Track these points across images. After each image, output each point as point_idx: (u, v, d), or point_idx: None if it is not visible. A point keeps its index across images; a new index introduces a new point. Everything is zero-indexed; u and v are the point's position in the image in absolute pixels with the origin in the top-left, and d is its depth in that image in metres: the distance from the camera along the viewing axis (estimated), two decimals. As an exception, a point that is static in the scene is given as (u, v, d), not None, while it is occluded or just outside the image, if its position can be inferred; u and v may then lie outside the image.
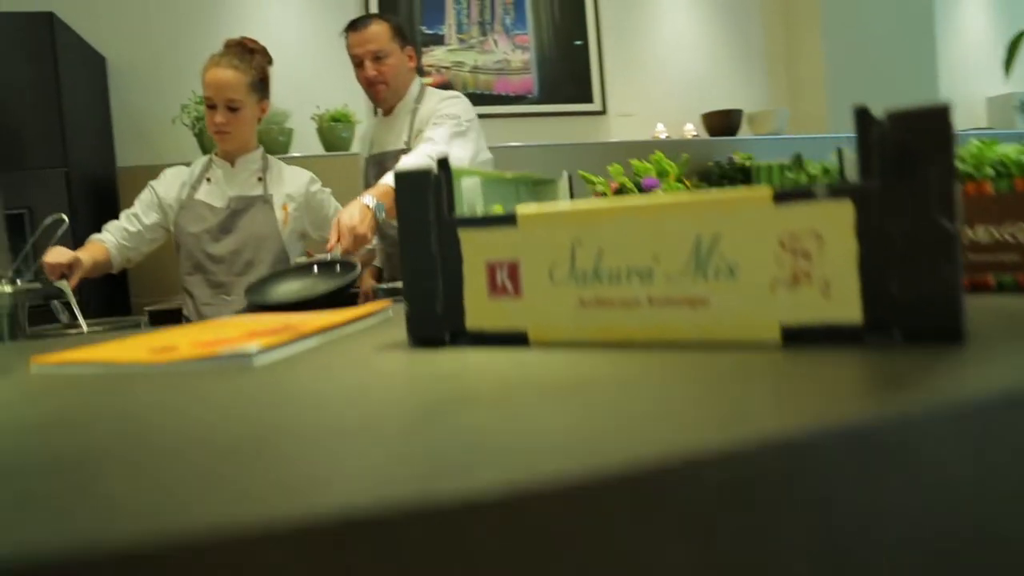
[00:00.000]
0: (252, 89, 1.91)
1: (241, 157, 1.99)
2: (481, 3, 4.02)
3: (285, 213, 1.98)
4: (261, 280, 1.45)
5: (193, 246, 1.92)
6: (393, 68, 2.06)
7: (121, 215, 1.98)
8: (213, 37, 3.66)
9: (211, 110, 1.90)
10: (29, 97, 2.91)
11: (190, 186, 1.98)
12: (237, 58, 1.89)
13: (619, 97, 4.27)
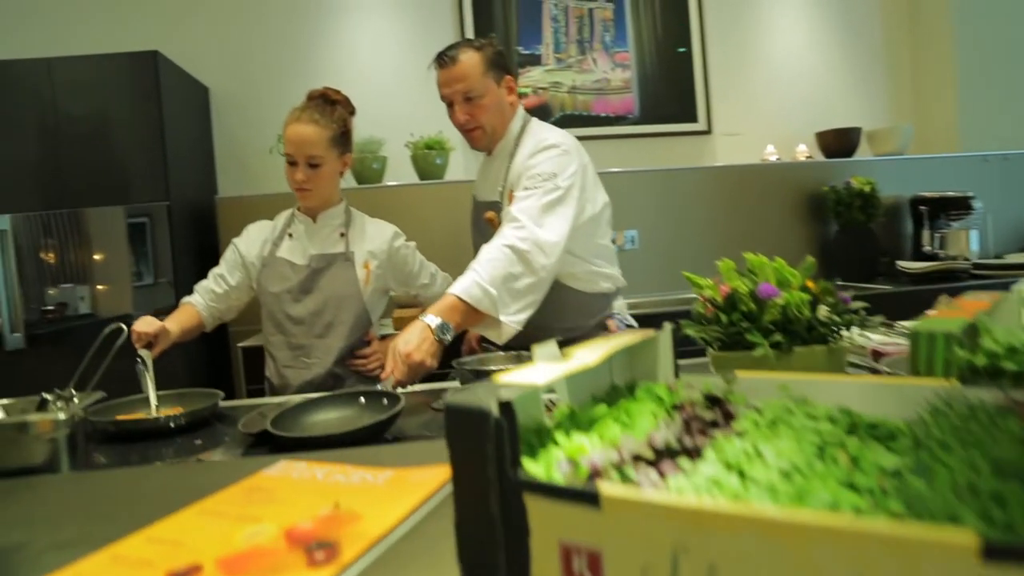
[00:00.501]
0: (333, 144, 1.84)
1: (323, 212, 1.93)
2: (580, 21, 3.87)
3: (367, 272, 1.90)
4: (296, 406, 1.33)
5: (274, 306, 1.88)
6: (488, 108, 1.80)
7: (209, 275, 1.96)
8: (310, 65, 3.69)
9: (292, 167, 1.83)
10: (135, 134, 2.98)
11: (272, 243, 1.94)
12: (318, 112, 1.82)
13: (725, 115, 4.02)
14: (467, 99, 1.78)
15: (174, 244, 3.03)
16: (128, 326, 1.58)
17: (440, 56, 1.80)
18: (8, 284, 2.97)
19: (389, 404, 1.29)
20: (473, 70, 1.77)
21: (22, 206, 2.96)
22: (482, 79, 1.78)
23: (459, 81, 1.77)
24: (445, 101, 1.84)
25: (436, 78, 1.82)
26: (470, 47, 1.79)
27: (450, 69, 1.77)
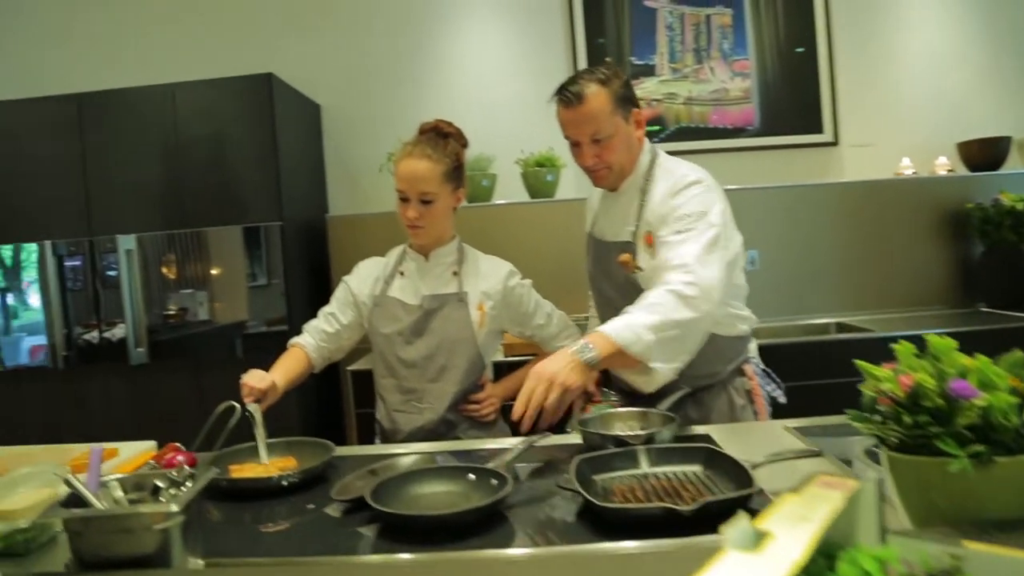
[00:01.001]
0: (446, 179, 1.76)
1: (435, 250, 1.86)
2: (696, 28, 3.68)
3: (481, 313, 1.81)
4: (392, 479, 1.24)
5: (385, 348, 1.82)
6: (617, 147, 1.67)
7: (319, 314, 1.92)
8: (419, 80, 3.66)
9: (404, 203, 1.76)
10: (250, 155, 3.03)
11: (383, 281, 1.88)
12: (430, 146, 1.75)
13: (854, 125, 3.73)
14: (595, 140, 1.65)
15: (286, 260, 3.06)
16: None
17: (564, 93, 1.64)
18: (133, 300, 3.08)
19: (499, 484, 1.19)
20: (602, 110, 1.62)
21: (147, 226, 3.06)
22: (611, 118, 1.63)
23: (587, 123, 1.63)
24: (569, 140, 1.70)
25: (557, 113, 1.69)
26: (595, 81, 1.63)
27: (576, 109, 1.62)
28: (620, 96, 1.65)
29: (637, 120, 1.71)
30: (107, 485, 1.01)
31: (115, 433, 3.09)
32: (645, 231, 1.69)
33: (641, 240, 1.70)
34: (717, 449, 1.29)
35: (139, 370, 3.11)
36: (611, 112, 1.63)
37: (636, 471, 1.29)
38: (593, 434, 1.42)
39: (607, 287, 1.81)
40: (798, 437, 1.50)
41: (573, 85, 1.64)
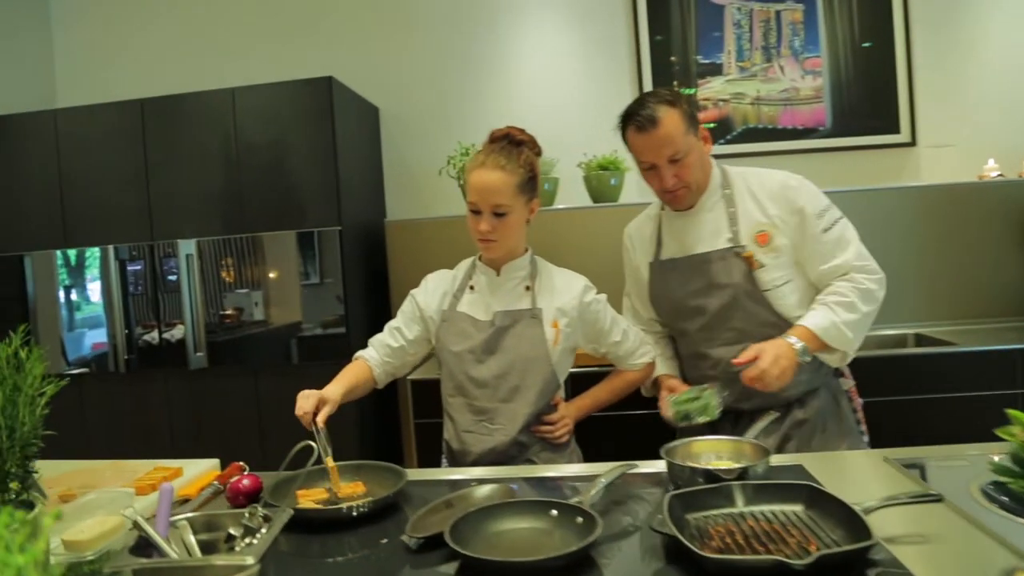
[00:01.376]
0: (520, 191, 1.68)
1: (507, 264, 1.78)
2: (765, 25, 3.53)
3: (556, 331, 1.73)
4: (470, 514, 1.15)
5: (454, 366, 1.75)
6: (693, 166, 1.70)
7: (385, 328, 1.86)
8: (478, 82, 3.59)
9: (475, 215, 1.69)
10: (309, 159, 3.00)
11: (452, 295, 1.81)
12: (504, 156, 1.67)
13: (933, 124, 3.53)
14: (673, 161, 1.68)
15: (345, 265, 3.02)
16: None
17: (636, 119, 1.67)
18: (193, 305, 3.08)
19: (586, 523, 1.10)
20: (676, 130, 1.65)
21: (207, 231, 3.06)
22: (685, 137, 1.67)
23: (665, 145, 1.66)
24: (644, 165, 1.73)
25: (628, 139, 1.73)
26: (664, 103, 1.67)
27: (652, 133, 1.65)
28: (689, 115, 1.69)
29: (704, 137, 1.76)
30: (177, 526, 0.95)
31: (176, 437, 3.14)
32: (756, 232, 1.73)
33: (751, 240, 1.73)
34: (820, 488, 1.19)
35: (198, 374, 3.11)
36: (684, 131, 1.67)
37: (731, 510, 1.19)
38: (681, 467, 1.33)
39: (700, 300, 1.78)
40: (901, 471, 1.38)
41: (644, 109, 1.67)
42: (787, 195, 1.74)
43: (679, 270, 1.82)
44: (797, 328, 1.66)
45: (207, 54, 3.70)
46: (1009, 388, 2.68)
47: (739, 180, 1.79)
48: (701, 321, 1.79)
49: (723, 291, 1.74)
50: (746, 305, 1.74)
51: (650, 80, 3.51)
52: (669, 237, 1.86)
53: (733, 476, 1.27)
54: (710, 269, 1.76)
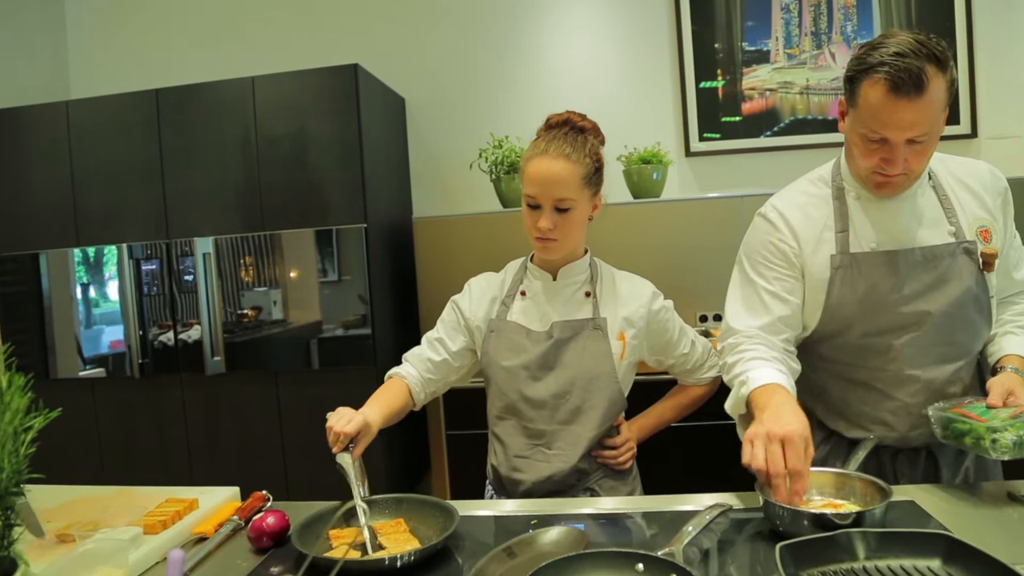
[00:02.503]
0: (586, 183, 1.47)
1: (566, 267, 1.58)
2: (815, 9, 3.31)
3: (623, 344, 1.53)
4: (541, 570, 0.94)
5: (505, 384, 1.54)
6: (930, 152, 1.34)
7: (424, 340, 1.66)
8: (511, 74, 3.40)
9: (533, 210, 1.48)
10: (333, 152, 2.82)
11: (501, 302, 1.61)
12: (569, 144, 1.46)
13: (995, 115, 3.29)
14: (913, 142, 1.30)
15: (371, 265, 2.84)
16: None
17: (891, 72, 1.24)
18: (211, 306, 2.91)
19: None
20: (938, 105, 1.26)
21: (225, 228, 2.89)
22: (940, 116, 1.29)
23: (920, 123, 1.26)
24: (870, 135, 1.32)
25: (859, 92, 1.30)
26: (934, 63, 1.24)
27: (911, 101, 1.24)
28: (951, 85, 1.28)
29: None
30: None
31: (192, 448, 2.97)
32: (978, 227, 1.41)
33: (976, 235, 1.40)
34: (960, 540, 0.98)
35: (215, 380, 2.94)
36: (943, 107, 1.28)
37: (853, 564, 0.99)
38: (783, 509, 1.12)
39: (920, 304, 1.40)
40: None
41: (907, 62, 1.23)
42: (999, 184, 1.46)
43: (893, 267, 1.41)
44: (1012, 357, 1.39)
45: (225, 41, 3.52)
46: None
47: (939, 165, 1.47)
48: (916, 333, 1.41)
49: (951, 292, 1.40)
50: (971, 314, 1.41)
51: (692, 69, 3.30)
52: (868, 224, 1.44)
53: (848, 522, 1.07)
54: (939, 265, 1.40)
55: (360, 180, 2.80)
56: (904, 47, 1.24)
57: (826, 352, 1.51)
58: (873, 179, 1.38)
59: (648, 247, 2.99)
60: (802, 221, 1.48)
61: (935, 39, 1.26)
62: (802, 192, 1.52)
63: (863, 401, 1.48)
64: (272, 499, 1.40)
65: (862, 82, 1.29)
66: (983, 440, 1.19)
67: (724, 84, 3.32)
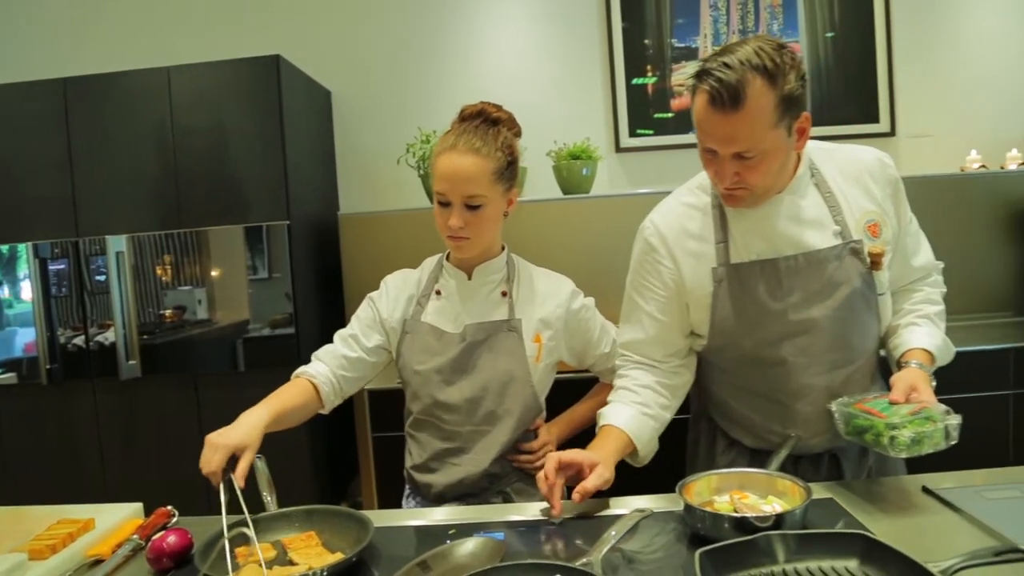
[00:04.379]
0: (498, 178, 1.43)
1: (481, 265, 1.53)
2: (743, 8, 3.35)
3: (538, 346, 1.49)
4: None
5: (420, 388, 1.49)
6: (769, 169, 1.28)
7: (336, 338, 1.58)
8: (440, 67, 3.33)
9: (444, 207, 1.43)
10: (255, 146, 2.72)
11: (416, 301, 1.55)
12: (479, 138, 1.41)
13: (913, 113, 3.39)
14: (740, 157, 1.24)
15: (294, 263, 2.74)
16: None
17: (710, 83, 1.19)
18: (124, 308, 2.77)
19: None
20: (761, 121, 1.20)
21: (139, 226, 2.75)
22: (770, 132, 1.22)
23: (738, 140, 1.22)
24: (701, 144, 1.30)
25: (693, 101, 1.26)
26: (760, 73, 1.18)
27: (726, 115, 1.20)
28: (787, 99, 1.21)
29: (801, 129, 1.28)
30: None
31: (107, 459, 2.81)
32: (866, 222, 1.36)
33: (863, 232, 1.36)
34: (877, 540, 0.98)
35: (130, 384, 2.80)
36: (773, 123, 1.21)
37: (773, 567, 0.98)
38: (702, 513, 1.10)
39: (809, 311, 1.36)
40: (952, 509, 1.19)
41: (727, 74, 1.18)
42: (887, 173, 1.39)
43: (776, 275, 1.36)
44: (915, 351, 1.36)
45: (139, 29, 3.35)
46: (1001, 389, 2.56)
47: (824, 157, 1.40)
48: (807, 341, 1.37)
49: (839, 296, 1.35)
50: (861, 316, 1.38)
51: (623, 66, 3.30)
52: (747, 233, 1.38)
53: (768, 524, 1.06)
54: (825, 269, 1.35)
55: (283, 175, 2.71)
56: (737, 58, 1.19)
57: (722, 365, 1.49)
58: (717, 190, 1.36)
59: (577, 243, 2.98)
60: (679, 237, 1.43)
61: (778, 51, 1.21)
62: (681, 203, 1.46)
63: (761, 412, 1.45)
64: (178, 515, 1.32)
65: (695, 91, 1.25)
66: (882, 437, 1.18)
67: (655, 81, 3.33)
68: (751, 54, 1.19)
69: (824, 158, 1.40)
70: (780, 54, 1.20)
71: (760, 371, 1.42)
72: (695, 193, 1.46)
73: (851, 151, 1.42)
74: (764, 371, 1.41)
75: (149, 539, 1.18)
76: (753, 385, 1.44)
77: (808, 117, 1.27)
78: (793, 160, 1.35)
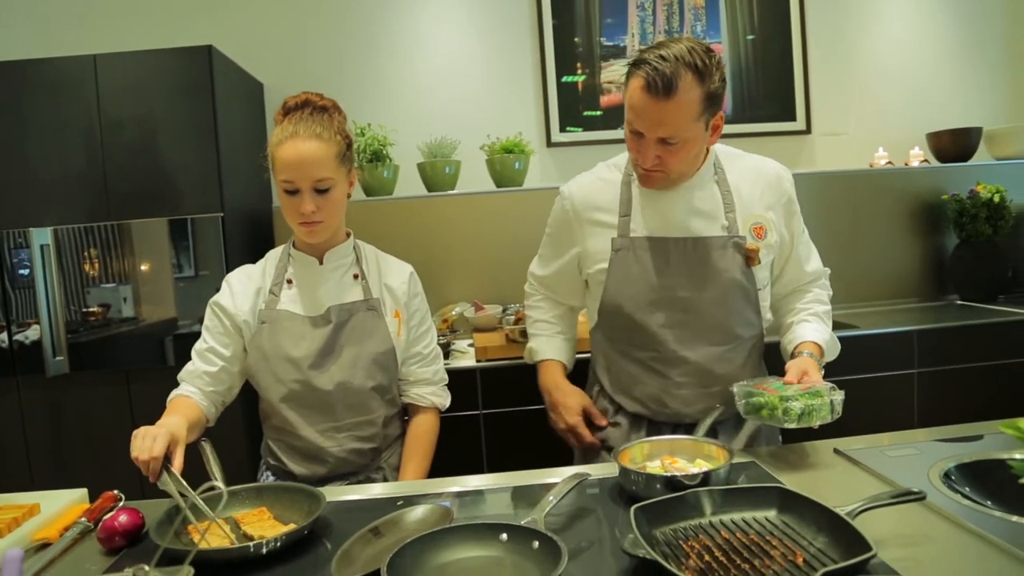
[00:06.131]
0: (341, 161, 1.48)
1: (331, 250, 1.58)
2: (668, 8, 3.49)
3: (399, 321, 1.58)
4: (409, 544, 0.96)
5: (285, 374, 1.51)
6: (687, 157, 1.43)
7: (194, 354, 1.57)
8: (373, 62, 3.36)
9: (292, 196, 1.46)
10: (186, 138, 2.68)
11: (269, 291, 1.57)
12: (318, 124, 1.45)
13: (827, 113, 3.60)
14: (664, 142, 1.40)
15: (228, 255, 2.72)
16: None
17: (647, 72, 1.34)
18: (50, 303, 2.69)
19: (543, 548, 0.95)
20: (688, 111, 1.36)
21: (65, 218, 2.68)
22: (693, 124, 1.38)
23: (666, 125, 1.37)
24: (630, 125, 1.43)
25: (627, 86, 1.40)
26: (692, 70, 1.34)
27: (658, 103, 1.34)
28: (711, 96, 1.38)
29: (716, 126, 1.45)
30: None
31: (33, 459, 2.73)
32: (752, 224, 1.52)
33: (749, 231, 1.52)
34: (792, 491, 1.08)
35: (58, 381, 2.72)
36: (696, 116, 1.37)
37: (701, 520, 1.06)
38: (637, 474, 1.19)
39: (690, 292, 1.51)
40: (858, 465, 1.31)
41: (664, 66, 1.32)
42: (783, 187, 1.58)
43: (665, 253, 1.52)
44: (807, 344, 1.53)
45: (62, 14, 3.24)
46: (907, 368, 2.76)
47: (731, 160, 1.58)
48: (684, 316, 1.52)
49: (719, 283, 1.51)
50: (737, 303, 1.53)
51: (553, 64, 3.38)
52: (647, 210, 1.54)
53: (696, 482, 1.15)
54: (709, 256, 1.50)
55: (216, 167, 2.68)
56: (672, 52, 1.34)
57: (609, 331, 1.63)
58: (636, 170, 1.51)
59: (510, 233, 3.06)
60: (589, 206, 1.61)
61: (707, 53, 1.36)
62: (597, 177, 1.65)
63: (640, 379, 1.59)
64: (124, 499, 1.32)
65: (630, 76, 1.40)
66: (776, 410, 1.31)
67: (584, 78, 3.43)
68: (684, 52, 1.34)
69: (730, 161, 1.57)
70: (708, 56, 1.36)
71: (642, 339, 1.56)
72: (611, 170, 1.64)
73: (757, 161, 1.61)
74: (645, 339, 1.56)
75: (98, 522, 1.19)
76: (635, 352, 1.58)
77: (722, 116, 1.44)
78: (703, 154, 1.50)
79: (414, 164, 3.11)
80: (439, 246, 3.07)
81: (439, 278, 3.05)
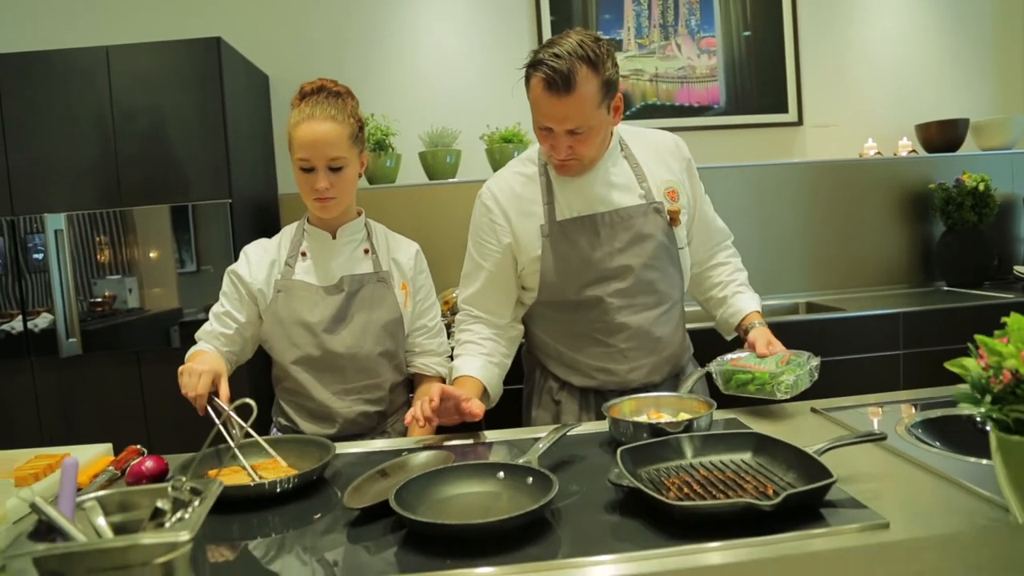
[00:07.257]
0: (354, 142, 1.59)
1: (344, 226, 1.69)
2: (663, 3, 3.58)
3: (406, 293, 1.70)
4: (412, 481, 1.06)
5: (301, 339, 1.62)
6: (595, 142, 1.53)
7: (211, 315, 1.69)
8: (375, 55, 3.45)
9: (307, 173, 1.57)
10: (195, 126, 2.77)
11: (284, 263, 1.68)
12: (333, 107, 1.57)
13: (818, 105, 3.70)
14: (572, 133, 1.49)
15: (236, 241, 2.81)
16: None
17: (546, 72, 1.41)
18: (64, 286, 2.79)
19: (537, 483, 1.05)
20: (589, 102, 1.44)
21: (79, 204, 2.77)
22: (596, 112, 1.47)
23: (572, 118, 1.46)
24: (538, 123, 1.52)
25: (529, 88, 1.49)
26: (585, 63, 1.41)
27: (561, 99, 1.43)
28: (607, 82, 1.47)
29: (616, 107, 1.55)
30: (84, 507, 0.81)
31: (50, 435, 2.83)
32: (665, 188, 1.65)
33: (664, 196, 1.65)
34: (767, 435, 1.18)
35: (71, 362, 2.82)
36: (598, 104, 1.47)
37: (682, 461, 1.16)
38: (626, 423, 1.29)
39: (624, 259, 1.61)
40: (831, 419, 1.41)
41: (559, 63, 1.40)
42: (682, 152, 1.72)
43: (594, 228, 1.61)
44: (752, 315, 1.71)
45: (78, 6, 3.34)
46: (892, 349, 2.84)
47: (633, 137, 1.71)
48: (622, 284, 1.61)
49: (648, 248, 1.61)
50: (665, 265, 1.64)
51: (551, 54, 3.47)
52: (569, 195, 1.62)
53: (679, 429, 1.25)
54: (634, 224, 1.61)
55: (224, 155, 2.77)
56: (564, 48, 1.40)
57: (550, 313, 1.70)
58: (551, 161, 1.59)
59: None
60: (513, 202, 1.65)
61: (596, 42, 1.44)
62: (514, 173, 1.70)
63: (585, 352, 1.67)
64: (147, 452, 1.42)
65: (530, 77, 1.47)
66: (767, 385, 1.41)
67: (581, 70, 3.51)
68: (575, 46, 1.41)
69: (633, 137, 1.69)
70: (598, 45, 1.44)
71: (583, 313, 1.64)
72: (525, 164, 1.71)
73: (655, 134, 1.74)
74: (586, 313, 1.64)
75: (124, 470, 1.29)
76: (577, 327, 1.66)
77: (621, 97, 1.54)
78: (609, 136, 1.61)
79: (416, 153, 3.21)
80: (440, 232, 3.15)
81: (440, 263, 3.11)
